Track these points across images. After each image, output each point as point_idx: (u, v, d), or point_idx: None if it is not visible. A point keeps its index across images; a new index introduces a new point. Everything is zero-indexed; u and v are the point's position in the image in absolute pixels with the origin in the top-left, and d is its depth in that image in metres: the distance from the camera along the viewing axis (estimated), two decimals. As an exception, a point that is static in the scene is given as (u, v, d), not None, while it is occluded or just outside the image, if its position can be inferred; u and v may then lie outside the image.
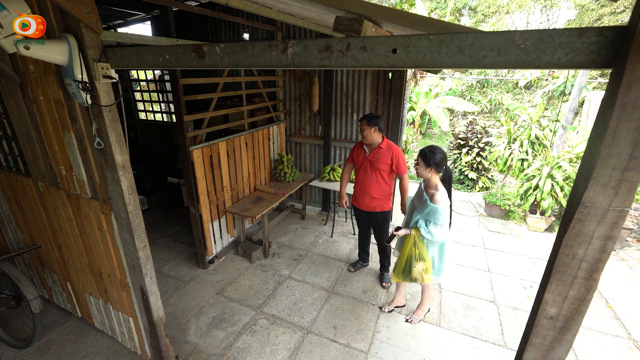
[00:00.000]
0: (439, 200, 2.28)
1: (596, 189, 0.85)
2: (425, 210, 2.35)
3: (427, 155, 2.32)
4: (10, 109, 2.22)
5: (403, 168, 2.93)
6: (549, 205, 4.38)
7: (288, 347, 2.64)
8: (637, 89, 0.74)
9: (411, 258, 2.46)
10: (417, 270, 2.45)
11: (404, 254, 2.50)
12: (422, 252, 2.44)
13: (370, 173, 3.00)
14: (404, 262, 2.50)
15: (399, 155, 2.90)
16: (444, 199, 2.30)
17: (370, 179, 3.01)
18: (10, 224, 2.83)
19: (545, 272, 1.03)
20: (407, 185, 3.03)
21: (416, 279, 2.49)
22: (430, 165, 2.32)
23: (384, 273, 3.43)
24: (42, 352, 2.55)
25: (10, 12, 1.30)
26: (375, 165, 2.95)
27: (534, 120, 5.40)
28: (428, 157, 2.31)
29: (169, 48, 1.41)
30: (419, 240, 2.44)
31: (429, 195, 2.36)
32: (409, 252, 2.47)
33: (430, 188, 2.39)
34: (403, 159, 2.92)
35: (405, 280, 2.53)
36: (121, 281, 2.24)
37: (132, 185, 1.88)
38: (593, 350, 2.66)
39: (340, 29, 1.29)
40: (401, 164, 2.91)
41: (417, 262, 2.44)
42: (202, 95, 3.29)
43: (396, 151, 2.90)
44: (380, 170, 2.94)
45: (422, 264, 2.44)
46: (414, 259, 2.45)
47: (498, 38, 0.86)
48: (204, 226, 3.50)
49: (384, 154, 2.90)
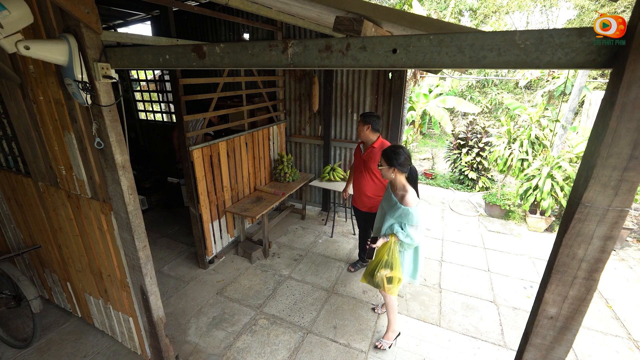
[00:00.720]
0: (410, 201, 2.19)
1: (596, 189, 0.85)
2: (397, 213, 2.26)
3: (390, 155, 2.24)
4: (10, 109, 2.22)
5: None
6: (549, 205, 4.38)
7: (288, 347, 2.64)
8: (637, 89, 0.74)
9: (380, 263, 2.34)
10: (380, 276, 2.33)
11: (376, 259, 2.39)
12: (394, 261, 2.31)
13: (365, 172, 3.02)
14: (372, 265, 2.40)
15: None
16: (414, 199, 2.22)
17: (365, 178, 3.03)
18: (10, 224, 2.83)
19: (545, 272, 1.03)
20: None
21: (378, 285, 2.38)
22: (393, 166, 2.23)
23: (384, 273, 3.44)
24: (42, 352, 2.55)
25: (11, 12, 1.30)
26: (367, 164, 2.96)
27: (534, 120, 5.39)
28: (391, 158, 2.23)
29: (169, 48, 1.41)
30: (395, 247, 2.31)
31: (398, 198, 2.28)
32: (380, 257, 2.35)
33: (397, 189, 2.31)
34: None
35: (370, 283, 2.43)
36: (121, 281, 2.24)
37: (132, 185, 1.88)
38: (593, 350, 2.66)
39: (340, 29, 1.29)
40: None
41: (383, 269, 2.32)
42: (202, 95, 3.29)
43: None
44: (373, 169, 2.95)
45: (387, 272, 2.31)
46: (381, 265, 2.33)
47: (498, 38, 0.86)
48: (204, 226, 3.50)
49: (377, 154, 2.89)
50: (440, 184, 6.77)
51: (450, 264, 3.82)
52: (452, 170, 6.98)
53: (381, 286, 2.37)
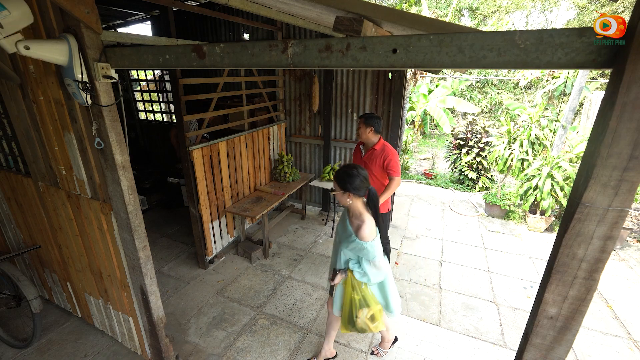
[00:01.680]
0: (365, 234, 1.85)
1: (596, 189, 0.85)
2: (351, 246, 1.95)
3: (343, 178, 1.88)
4: (10, 109, 2.22)
5: (393, 170, 2.82)
6: (549, 205, 4.38)
7: (288, 347, 2.64)
8: (637, 89, 0.74)
9: (353, 306, 2.04)
10: (362, 319, 2.03)
11: (345, 302, 2.07)
12: (365, 297, 2.02)
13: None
14: (347, 311, 2.08)
15: (390, 156, 2.83)
16: (371, 232, 1.87)
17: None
18: (10, 224, 2.83)
19: (545, 272, 1.03)
20: (393, 187, 2.84)
21: (364, 330, 2.08)
22: (347, 190, 1.88)
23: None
24: (42, 352, 2.55)
25: (11, 12, 1.30)
26: (368, 166, 2.94)
27: (534, 120, 5.40)
28: (344, 181, 1.87)
29: (169, 48, 1.41)
30: (358, 282, 2.02)
31: (354, 228, 1.93)
32: (349, 298, 2.04)
33: (354, 217, 1.95)
34: (395, 160, 2.84)
35: (355, 331, 2.12)
36: (121, 281, 2.24)
37: (132, 185, 1.88)
38: (593, 350, 2.66)
39: (340, 29, 1.29)
40: (392, 165, 2.82)
41: (359, 310, 2.02)
42: (202, 95, 3.29)
43: (388, 152, 2.84)
44: (373, 171, 2.92)
45: (365, 311, 2.02)
46: (355, 307, 2.03)
47: (498, 38, 0.86)
48: (204, 226, 3.50)
49: (378, 156, 2.87)
50: (440, 184, 6.77)
51: (450, 264, 3.82)
52: (452, 170, 6.98)
53: (367, 329, 2.08)
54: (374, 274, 1.95)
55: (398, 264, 3.79)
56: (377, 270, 1.96)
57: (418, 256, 3.98)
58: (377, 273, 1.97)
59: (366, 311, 2.03)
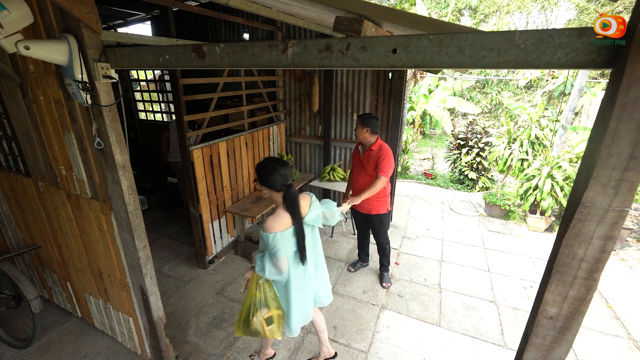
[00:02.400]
0: (267, 225, 1.76)
1: (596, 189, 0.85)
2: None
3: (259, 171, 1.82)
4: (10, 109, 2.22)
5: (381, 169, 2.77)
6: (549, 205, 4.38)
7: (288, 347, 2.64)
8: (637, 89, 0.74)
9: (252, 304, 1.90)
10: (258, 320, 1.89)
11: (246, 299, 1.95)
12: (267, 297, 1.90)
13: (363, 174, 2.98)
14: (245, 309, 1.94)
15: (383, 156, 2.80)
16: (274, 224, 1.76)
17: (363, 180, 2.97)
18: (10, 224, 2.83)
19: (545, 272, 1.03)
20: (377, 187, 2.78)
21: (257, 332, 1.92)
22: (262, 184, 1.83)
23: (383, 273, 3.43)
24: (42, 352, 2.55)
25: (11, 12, 1.30)
26: (365, 166, 2.93)
27: (534, 120, 5.39)
28: (260, 174, 1.82)
29: (169, 48, 1.41)
30: (265, 280, 1.90)
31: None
32: (250, 295, 1.92)
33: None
34: (387, 160, 2.79)
35: (247, 334, 1.97)
36: (121, 281, 2.24)
37: (132, 185, 1.88)
38: (593, 350, 2.66)
39: (340, 29, 1.29)
40: (382, 165, 2.77)
41: (258, 311, 1.88)
42: (202, 95, 3.29)
43: (382, 153, 2.81)
44: (369, 171, 2.91)
45: (264, 311, 1.89)
46: (254, 306, 1.89)
47: (498, 38, 0.86)
48: (204, 226, 3.50)
49: (373, 156, 2.86)
50: (440, 184, 6.77)
51: (450, 264, 3.82)
52: (452, 170, 6.98)
53: (261, 332, 1.92)
54: (269, 269, 1.81)
55: (398, 264, 3.79)
56: (274, 268, 1.81)
57: (418, 256, 3.98)
58: (273, 270, 1.82)
59: (265, 311, 1.90)
